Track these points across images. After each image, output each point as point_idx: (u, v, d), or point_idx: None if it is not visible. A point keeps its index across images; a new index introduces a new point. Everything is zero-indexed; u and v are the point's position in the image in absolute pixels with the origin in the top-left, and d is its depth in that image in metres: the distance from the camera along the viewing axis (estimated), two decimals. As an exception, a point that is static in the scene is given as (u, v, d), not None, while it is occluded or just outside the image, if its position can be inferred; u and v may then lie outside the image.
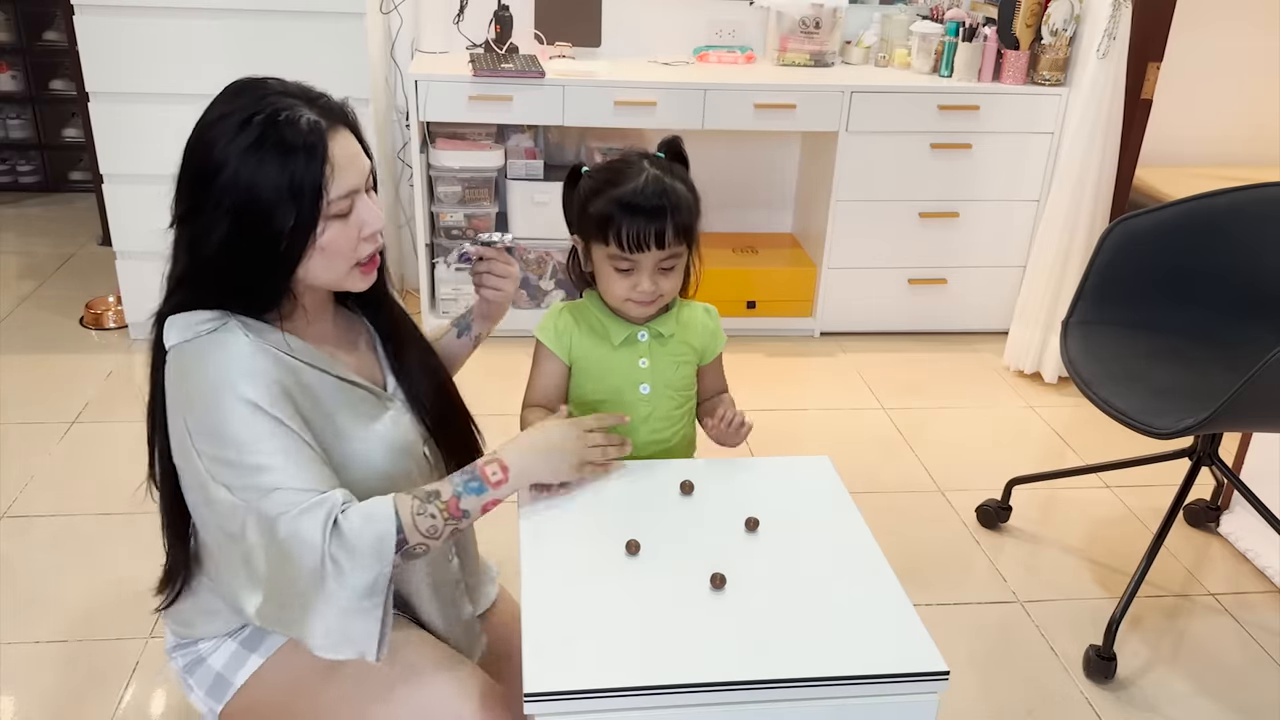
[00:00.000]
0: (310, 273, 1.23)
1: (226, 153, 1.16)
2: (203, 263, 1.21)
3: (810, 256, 3.58)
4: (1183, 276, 2.26)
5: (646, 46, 3.51)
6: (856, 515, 1.36)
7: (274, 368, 1.20)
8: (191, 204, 1.21)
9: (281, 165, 1.16)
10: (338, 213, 1.21)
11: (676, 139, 1.52)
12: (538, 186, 3.32)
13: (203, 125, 1.21)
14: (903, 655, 1.10)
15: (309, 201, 1.17)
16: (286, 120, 1.17)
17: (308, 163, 1.17)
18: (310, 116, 1.19)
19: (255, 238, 1.18)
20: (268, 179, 1.16)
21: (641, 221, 1.40)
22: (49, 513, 2.39)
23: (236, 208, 1.17)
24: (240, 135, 1.16)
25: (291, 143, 1.16)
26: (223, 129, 1.18)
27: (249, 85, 1.23)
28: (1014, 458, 2.83)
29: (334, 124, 1.21)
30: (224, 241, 1.18)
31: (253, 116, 1.17)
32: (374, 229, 1.25)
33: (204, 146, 1.19)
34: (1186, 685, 2.03)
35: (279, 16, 2.88)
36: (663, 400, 1.54)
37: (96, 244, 4.04)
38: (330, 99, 1.25)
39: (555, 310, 1.56)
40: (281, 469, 1.15)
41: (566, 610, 1.15)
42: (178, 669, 1.38)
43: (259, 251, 1.19)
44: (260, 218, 1.17)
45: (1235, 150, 4.03)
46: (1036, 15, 3.20)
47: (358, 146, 1.24)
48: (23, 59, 4.47)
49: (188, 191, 1.21)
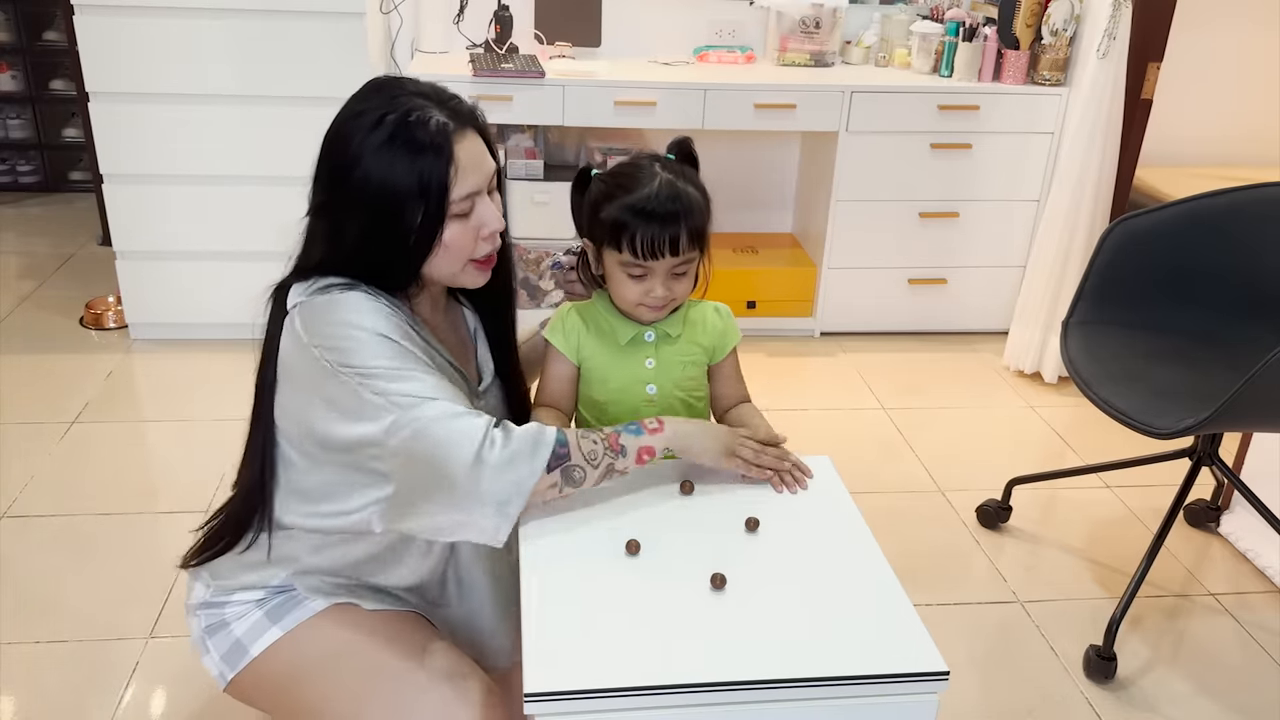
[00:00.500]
0: (432, 267, 1.29)
1: (361, 149, 1.22)
2: (339, 250, 1.27)
3: (810, 256, 3.58)
4: (1183, 276, 2.26)
5: (646, 46, 3.51)
6: (856, 515, 1.36)
7: (397, 318, 1.26)
8: (328, 196, 1.27)
9: (411, 164, 1.22)
10: (459, 213, 1.27)
11: (687, 140, 1.51)
12: (538, 186, 3.32)
13: (340, 120, 1.26)
14: (903, 655, 1.10)
15: (435, 200, 1.23)
16: (417, 121, 1.23)
17: (434, 163, 1.23)
18: (439, 118, 1.25)
19: (387, 230, 1.24)
20: (398, 176, 1.22)
21: (656, 228, 1.39)
22: (49, 513, 2.39)
23: (369, 201, 1.23)
24: (374, 133, 1.22)
25: (420, 142, 1.22)
26: (358, 125, 1.23)
27: (386, 84, 1.28)
28: (1014, 458, 2.83)
29: (462, 126, 1.27)
30: (360, 232, 1.24)
31: (386, 115, 1.23)
32: (493, 229, 1.31)
33: (340, 141, 1.24)
34: (1186, 685, 2.03)
35: (279, 16, 2.88)
36: (670, 401, 1.53)
37: (96, 244, 4.04)
38: (461, 101, 1.31)
39: (564, 311, 1.56)
40: (435, 386, 1.21)
41: (566, 610, 1.15)
42: (198, 627, 1.39)
43: (390, 243, 1.25)
44: (392, 212, 1.23)
45: (1235, 150, 4.03)
46: (1036, 15, 3.20)
47: (484, 148, 1.30)
48: (23, 59, 4.47)
49: (325, 184, 1.27)
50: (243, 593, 1.37)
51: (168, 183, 3.03)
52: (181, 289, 3.18)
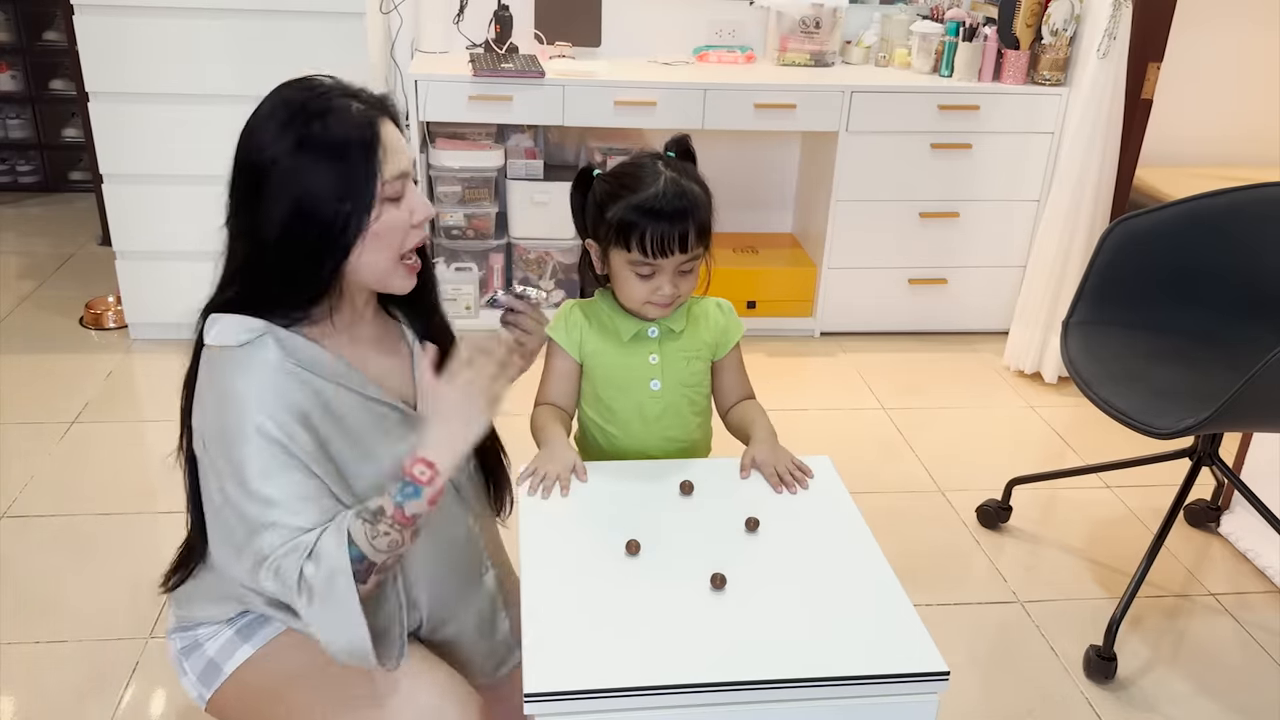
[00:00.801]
0: (360, 261, 1.25)
1: (280, 147, 1.20)
2: (259, 255, 1.24)
3: (810, 256, 3.58)
4: (1183, 276, 2.26)
5: (646, 46, 3.51)
6: (856, 515, 1.36)
7: (298, 391, 1.22)
8: (247, 199, 1.24)
9: (337, 154, 1.20)
10: (392, 195, 1.24)
11: (685, 137, 1.51)
12: (538, 186, 3.32)
13: (254, 123, 1.23)
14: (903, 655, 1.10)
15: (365, 184, 1.21)
16: (338, 111, 1.21)
17: (361, 148, 1.21)
18: (359, 106, 1.23)
19: (313, 226, 1.21)
20: (324, 170, 1.19)
21: (665, 227, 1.39)
22: (49, 513, 2.39)
23: (294, 199, 1.20)
24: (293, 129, 1.20)
25: (345, 132, 1.20)
26: (274, 124, 1.21)
27: (294, 82, 1.26)
28: (1014, 458, 2.83)
29: (380, 113, 1.25)
30: (281, 233, 1.21)
31: (304, 109, 1.21)
32: (423, 215, 1.29)
33: (256, 143, 1.22)
34: (1186, 685, 2.03)
35: (279, 16, 2.88)
36: (675, 397, 1.53)
37: (96, 244, 4.04)
38: (372, 92, 1.28)
39: (566, 308, 1.56)
40: (282, 504, 1.18)
41: (566, 610, 1.15)
42: (174, 650, 1.40)
43: (315, 239, 1.22)
44: (317, 206, 1.20)
45: (1235, 150, 4.03)
46: (1037, 15, 3.20)
47: (401, 137, 1.28)
48: (23, 59, 4.47)
49: (243, 187, 1.24)
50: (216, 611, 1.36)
51: (167, 183, 3.03)
52: (181, 289, 3.14)
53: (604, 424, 1.55)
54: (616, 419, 1.54)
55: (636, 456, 1.54)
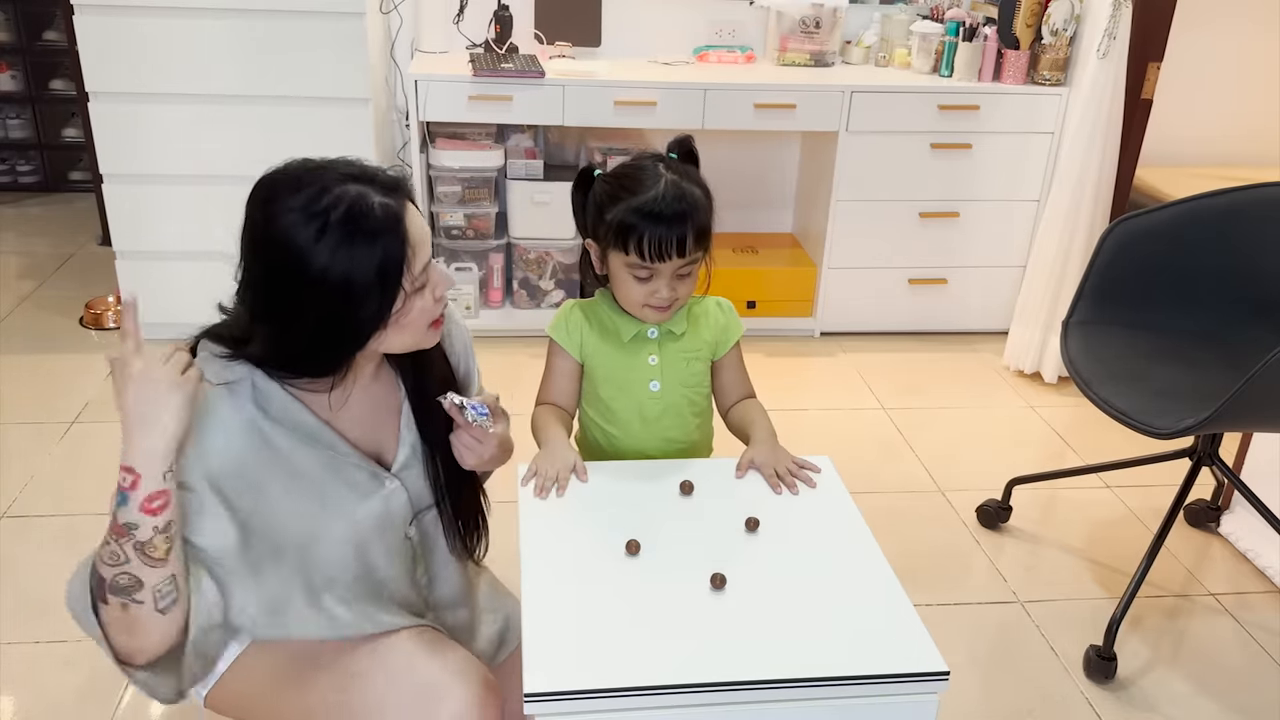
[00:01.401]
0: (384, 343, 1.26)
1: (310, 249, 1.16)
2: (274, 335, 1.23)
3: (810, 256, 3.58)
4: (1183, 276, 2.26)
5: (646, 46, 3.51)
6: (856, 515, 1.36)
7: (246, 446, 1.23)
8: (264, 286, 1.21)
9: (368, 255, 1.17)
10: (419, 286, 1.24)
11: (688, 138, 1.51)
12: (538, 186, 3.32)
13: (271, 219, 1.18)
14: (903, 655, 1.10)
15: (393, 283, 1.20)
16: (362, 210, 1.18)
17: (389, 248, 1.19)
18: (381, 199, 1.19)
19: (343, 326, 1.21)
20: (360, 274, 1.17)
21: (663, 231, 1.39)
22: (49, 513, 2.39)
23: (323, 301, 1.18)
24: (320, 230, 1.16)
25: (372, 231, 1.18)
26: (297, 223, 1.17)
27: (306, 173, 1.21)
28: (1014, 458, 2.83)
29: (400, 201, 1.22)
30: (301, 324, 1.21)
31: (328, 210, 1.17)
32: (444, 291, 1.28)
33: (282, 243, 1.17)
34: (1186, 685, 2.03)
35: (279, 16, 2.87)
36: (675, 398, 1.53)
37: (96, 244, 4.04)
38: (386, 173, 1.25)
39: (567, 308, 1.55)
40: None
41: (566, 610, 1.15)
42: None
43: (343, 337, 1.22)
44: (351, 308, 1.19)
45: (1235, 150, 4.03)
46: (1037, 15, 3.20)
47: (422, 218, 1.26)
48: (23, 59, 4.47)
49: (261, 275, 1.21)
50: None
51: (168, 183, 3.03)
52: (181, 289, 3.16)
53: (604, 424, 1.55)
54: (616, 419, 1.54)
55: (636, 457, 1.54)
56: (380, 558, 1.37)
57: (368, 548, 1.35)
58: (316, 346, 1.23)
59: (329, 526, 1.30)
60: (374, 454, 1.37)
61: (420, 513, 1.41)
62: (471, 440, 1.37)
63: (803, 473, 1.44)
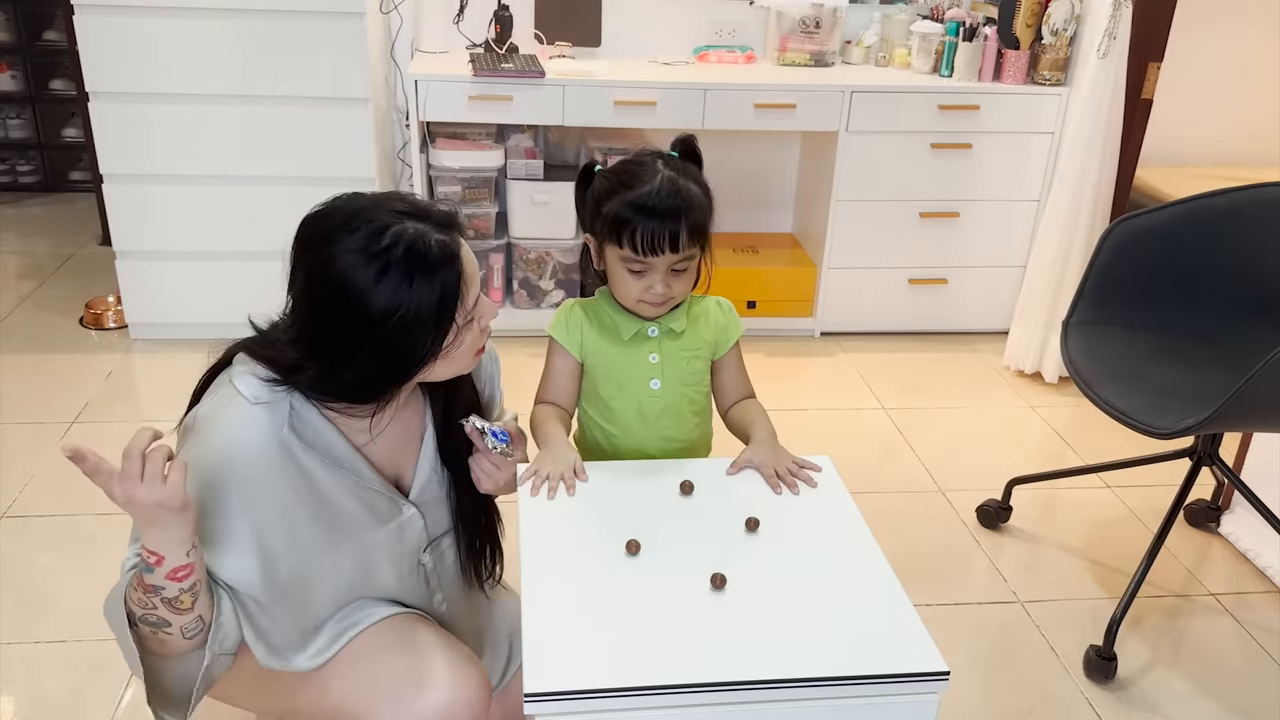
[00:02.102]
0: (437, 372, 1.27)
1: (370, 291, 1.16)
2: (333, 381, 1.23)
3: (810, 256, 3.58)
4: (1183, 276, 2.26)
5: (646, 46, 3.51)
6: (856, 515, 1.36)
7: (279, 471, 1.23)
8: (330, 339, 1.21)
9: (428, 292, 1.18)
10: (470, 319, 1.25)
11: (690, 138, 1.51)
12: (538, 186, 3.32)
13: (330, 261, 1.18)
14: (903, 655, 1.10)
15: (448, 318, 1.21)
16: (422, 249, 1.18)
17: (447, 285, 1.20)
18: (438, 237, 1.20)
19: (394, 360, 1.22)
20: (416, 309, 1.18)
21: (656, 225, 1.39)
22: (49, 513, 2.39)
23: (381, 340, 1.19)
24: (381, 271, 1.16)
25: (432, 269, 1.18)
26: (356, 265, 1.17)
27: (359, 211, 1.20)
28: (1014, 458, 2.83)
29: (454, 237, 1.23)
30: (364, 367, 1.21)
31: (388, 250, 1.16)
32: (490, 320, 1.29)
33: (340, 285, 1.17)
34: (1186, 685, 2.03)
35: (279, 16, 2.87)
36: (675, 396, 1.53)
37: (96, 244, 4.04)
38: (438, 208, 1.25)
39: (567, 307, 1.56)
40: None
41: (566, 610, 1.15)
42: None
43: (394, 370, 1.23)
44: (405, 344, 1.20)
45: (1235, 150, 4.03)
46: (1037, 15, 3.20)
47: (469, 250, 1.27)
48: (23, 59, 4.47)
49: (325, 328, 1.21)
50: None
51: (168, 183, 3.03)
52: (181, 289, 3.18)
53: (604, 423, 1.55)
54: (616, 418, 1.54)
55: (635, 456, 1.54)
56: (389, 580, 1.37)
57: (375, 570, 1.35)
58: (368, 381, 1.23)
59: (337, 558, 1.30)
60: (393, 478, 1.37)
61: (436, 539, 1.42)
62: (490, 466, 1.39)
63: (803, 472, 1.44)
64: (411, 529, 1.38)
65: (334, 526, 1.29)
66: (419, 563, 1.41)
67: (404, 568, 1.39)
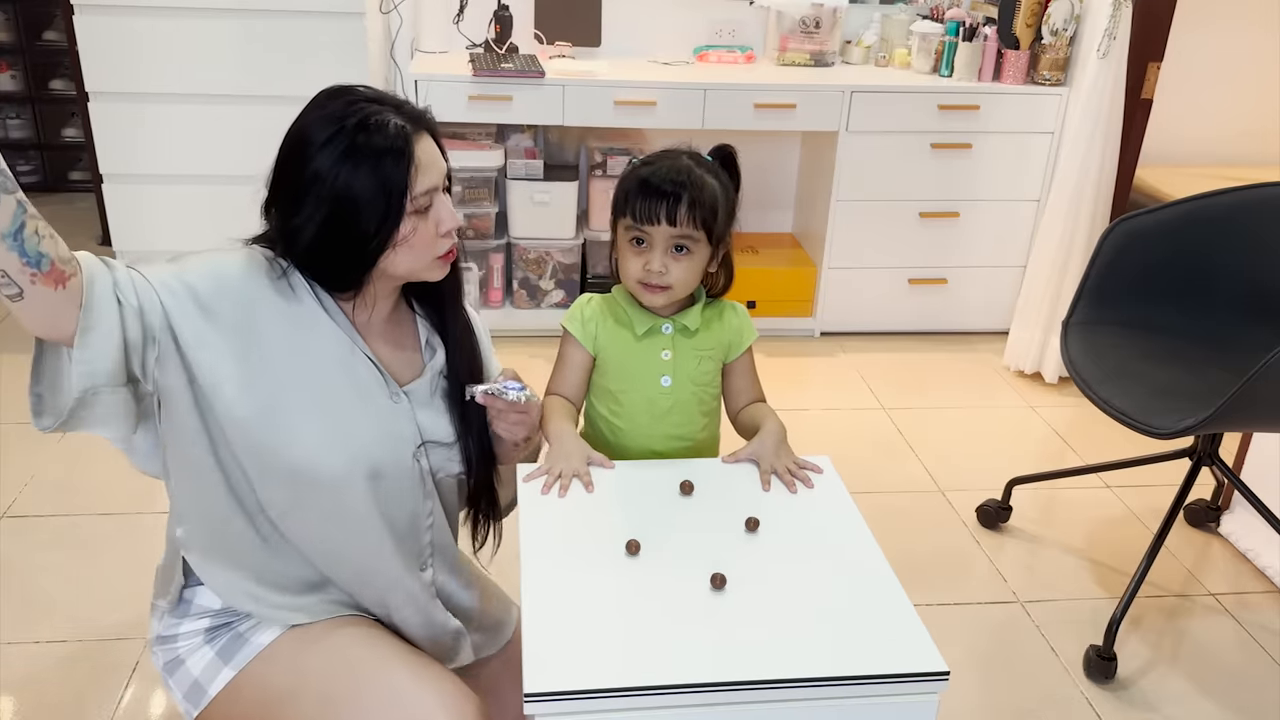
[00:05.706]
0: (393, 264, 1.31)
1: (322, 156, 1.25)
2: (295, 251, 1.30)
3: (810, 256, 3.58)
4: (1183, 277, 2.26)
5: (646, 46, 3.51)
6: (856, 515, 1.36)
7: (266, 292, 1.29)
8: (287, 202, 1.30)
9: (373, 167, 1.25)
10: (419, 208, 1.29)
11: (729, 148, 1.54)
12: (538, 186, 3.32)
13: (297, 129, 1.29)
14: (903, 655, 1.10)
15: (395, 199, 1.27)
16: (376, 125, 1.26)
17: (395, 164, 1.26)
18: (397, 121, 1.27)
19: (346, 233, 1.27)
20: (361, 180, 1.25)
21: (655, 193, 1.43)
22: (49, 513, 2.39)
23: (331, 206, 1.26)
24: (334, 140, 1.25)
25: (381, 146, 1.25)
26: (317, 134, 1.26)
27: (339, 92, 1.31)
28: (1014, 458, 2.83)
29: (418, 129, 1.30)
30: (316, 236, 1.28)
31: (345, 122, 1.25)
32: (449, 227, 1.34)
33: (299, 150, 1.27)
34: (1186, 685, 2.03)
35: (279, 16, 2.87)
36: (685, 394, 1.54)
37: (96, 244, 4.04)
38: (413, 105, 1.33)
39: (583, 300, 1.57)
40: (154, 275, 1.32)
41: (566, 610, 1.15)
42: (159, 663, 1.40)
43: (348, 244, 1.28)
44: (352, 215, 1.26)
45: (1235, 150, 4.03)
46: (1037, 15, 3.20)
47: (437, 149, 1.33)
48: (23, 59, 4.47)
49: (284, 191, 1.30)
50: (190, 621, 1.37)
51: (168, 183, 3.03)
52: (181, 289, 3.18)
53: (611, 417, 1.55)
54: (624, 412, 1.54)
55: (641, 452, 1.54)
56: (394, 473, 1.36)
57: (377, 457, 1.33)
58: (326, 251, 1.28)
59: (338, 414, 1.31)
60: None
61: (429, 444, 1.40)
62: (517, 416, 1.42)
63: (802, 473, 1.44)
64: (402, 416, 1.36)
65: (317, 386, 1.30)
66: (413, 458, 1.38)
67: (400, 455, 1.36)
